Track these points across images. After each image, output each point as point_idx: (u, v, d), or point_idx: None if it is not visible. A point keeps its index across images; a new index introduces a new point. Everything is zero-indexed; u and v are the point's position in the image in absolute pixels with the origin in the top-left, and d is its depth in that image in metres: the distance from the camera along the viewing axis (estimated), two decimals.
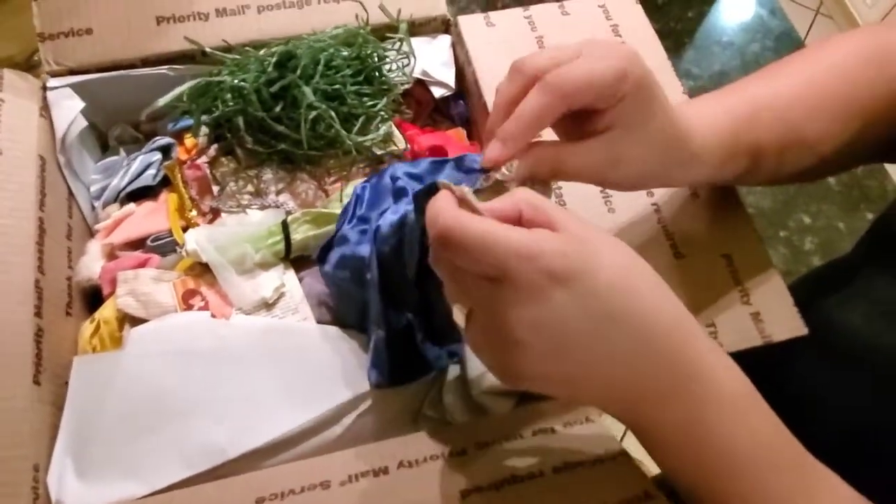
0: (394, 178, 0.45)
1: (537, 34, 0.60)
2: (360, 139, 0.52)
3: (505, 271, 0.29)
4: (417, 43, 0.62)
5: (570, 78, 0.33)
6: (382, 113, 0.54)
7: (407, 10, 0.61)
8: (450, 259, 0.31)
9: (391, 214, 0.42)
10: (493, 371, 0.33)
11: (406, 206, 0.41)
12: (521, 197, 0.32)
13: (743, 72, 0.88)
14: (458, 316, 0.33)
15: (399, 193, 0.44)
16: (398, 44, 0.58)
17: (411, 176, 0.45)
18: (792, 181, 0.50)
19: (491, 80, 0.57)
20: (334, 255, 0.46)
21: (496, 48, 0.59)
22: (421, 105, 0.63)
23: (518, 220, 0.31)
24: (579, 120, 0.36)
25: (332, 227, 0.50)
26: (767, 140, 0.43)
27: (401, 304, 0.43)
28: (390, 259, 0.42)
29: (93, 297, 0.53)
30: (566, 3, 0.62)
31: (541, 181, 0.35)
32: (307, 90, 0.49)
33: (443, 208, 0.30)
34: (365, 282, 0.43)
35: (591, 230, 0.31)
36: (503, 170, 0.35)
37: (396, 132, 0.58)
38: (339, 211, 0.50)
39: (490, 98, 0.55)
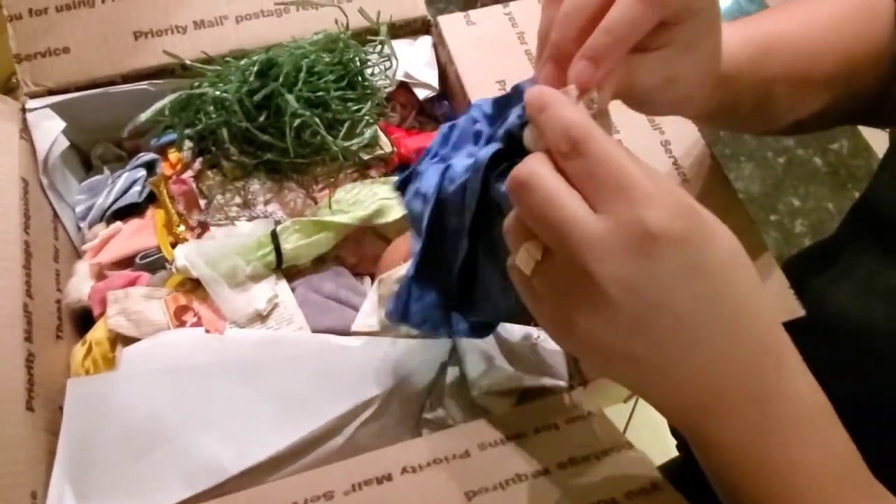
0: (475, 121, 0.41)
1: (518, 30, 0.59)
2: (346, 144, 0.51)
3: (628, 200, 0.25)
4: (399, 45, 0.62)
5: None
6: (367, 117, 0.54)
7: (386, 13, 0.61)
8: (563, 168, 0.27)
9: (466, 157, 0.38)
10: (551, 327, 0.29)
11: (480, 149, 0.37)
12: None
13: None
14: (525, 259, 0.28)
15: (477, 136, 0.40)
16: (379, 47, 0.58)
17: (487, 117, 0.41)
18: (787, 130, 0.49)
19: (473, 79, 0.56)
20: (411, 189, 0.43)
21: (477, 46, 0.58)
22: (405, 108, 0.63)
23: None
24: None
25: (322, 236, 0.50)
26: (781, 75, 0.42)
27: (447, 255, 0.39)
28: (453, 202, 0.38)
29: (84, 319, 0.52)
30: None
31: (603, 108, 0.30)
32: (290, 98, 0.49)
33: (576, 116, 0.27)
34: None
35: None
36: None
37: (382, 136, 0.58)
38: (328, 219, 0.50)
39: (475, 96, 0.55)
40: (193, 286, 0.49)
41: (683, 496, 0.35)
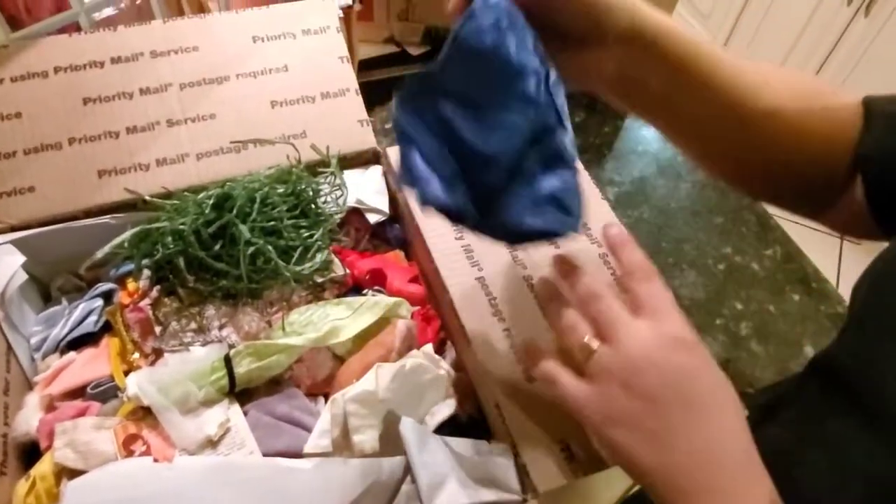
0: None
1: None
2: (298, 269, 0.54)
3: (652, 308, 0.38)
4: (351, 174, 0.66)
5: None
6: (319, 242, 0.57)
7: (339, 146, 0.65)
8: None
9: None
10: (593, 405, 0.38)
11: None
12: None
13: (660, 176, 0.95)
14: (587, 346, 0.39)
15: None
16: (331, 177, 0.62)
17: None
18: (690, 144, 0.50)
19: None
20: None
21: None
22: (359, 231, 0.67)
23: None
24: None
25: (275, 358, 0.51)
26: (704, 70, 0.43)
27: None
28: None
29: (31, 453, 0.51)
30: None
31: None
32: (243, 228, 0.52)
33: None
34: None
35: None
36: None
37: (336, 260, 0.60)
38: (281, 341, 0.51)
39: (423, 221, 0.58)
40: (145, 414, 0.49)
41: None
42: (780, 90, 0.46)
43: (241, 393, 0.51)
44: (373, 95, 0.95)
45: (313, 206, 0.60)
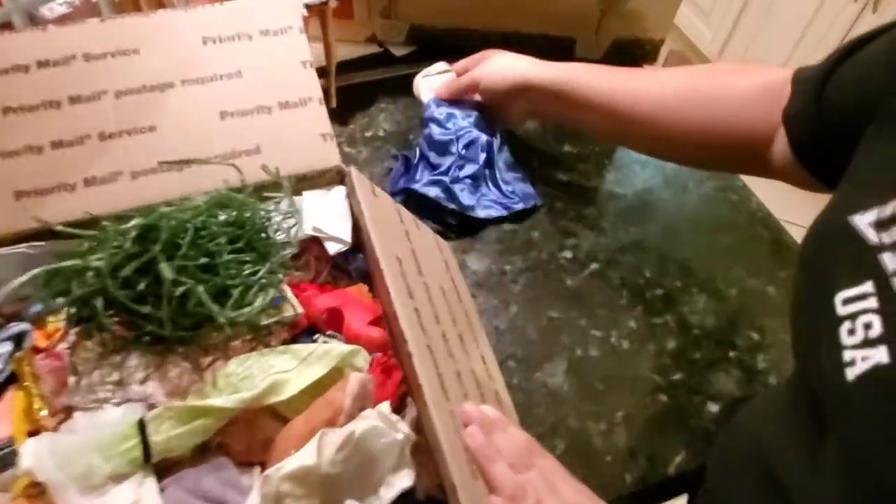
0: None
1: (404, 228, 0.58)
2: (233, 315, 0.46)
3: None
4: (311, 196, 0.58)
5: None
6: (263, 280, 0.49)
7: (298, 163, 0.58)
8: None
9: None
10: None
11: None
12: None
13: (665, 188, 0.87)
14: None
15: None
16: (284, 202, 0.54)
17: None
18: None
19: (378, 235, 0.52)
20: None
21: (378, 218, 0.55)
22: (320, 261, 0.58)
23: None
24: None
25: (200, 423, 0.43)
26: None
27: None
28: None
29: None
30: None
31: None
32: (165, 267, 0.44)
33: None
34: None
35: None
36: None
37: (290, 296, 0.53)
38: (205, 402, 0.43)
39: (380, 252, 0.50)
40: (41, 491, 0.41)
41: None
42: (661, 93, 0.64)
43: (162, 461, 0.44)
44: (352, 100, 0.88)
45: (262, 235, 0.52)
